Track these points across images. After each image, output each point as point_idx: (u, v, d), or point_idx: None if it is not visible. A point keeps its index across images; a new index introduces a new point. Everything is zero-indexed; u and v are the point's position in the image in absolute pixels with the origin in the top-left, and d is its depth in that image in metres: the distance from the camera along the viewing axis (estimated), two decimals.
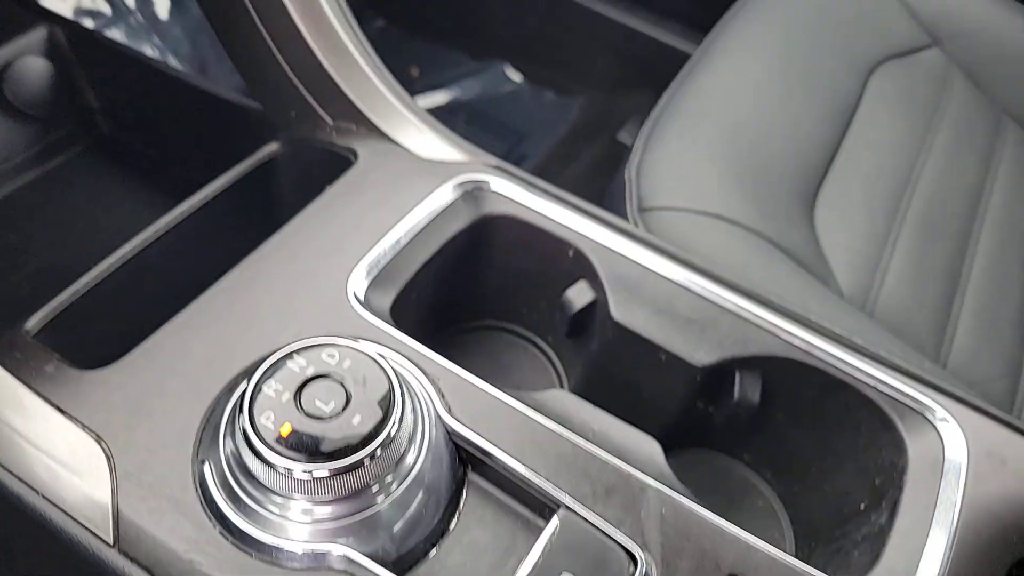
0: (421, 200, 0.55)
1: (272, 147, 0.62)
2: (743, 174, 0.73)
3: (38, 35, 0.75)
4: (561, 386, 0.63)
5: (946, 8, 0.99)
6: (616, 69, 1.57)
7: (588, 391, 0.60)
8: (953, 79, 0.95)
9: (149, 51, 1.44)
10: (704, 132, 0.76)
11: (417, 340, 0.48)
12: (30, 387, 0.42)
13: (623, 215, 0.70)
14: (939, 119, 0.90)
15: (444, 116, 1.58)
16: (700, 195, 0.69)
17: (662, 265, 0.54)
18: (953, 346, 0.73)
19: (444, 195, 0.56)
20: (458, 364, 0.63)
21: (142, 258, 0.55)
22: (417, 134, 0.60)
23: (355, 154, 0.59)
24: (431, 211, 0.55)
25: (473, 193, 0.57)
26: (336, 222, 0.53)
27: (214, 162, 0.75)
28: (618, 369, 0.56)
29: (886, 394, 0.49)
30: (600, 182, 1.43)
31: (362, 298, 0.49)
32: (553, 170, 1.44)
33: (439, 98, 1.59)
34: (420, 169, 0.58)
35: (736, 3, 0.98)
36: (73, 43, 0.77)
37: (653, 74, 1.53)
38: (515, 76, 1.63)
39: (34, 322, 0.49)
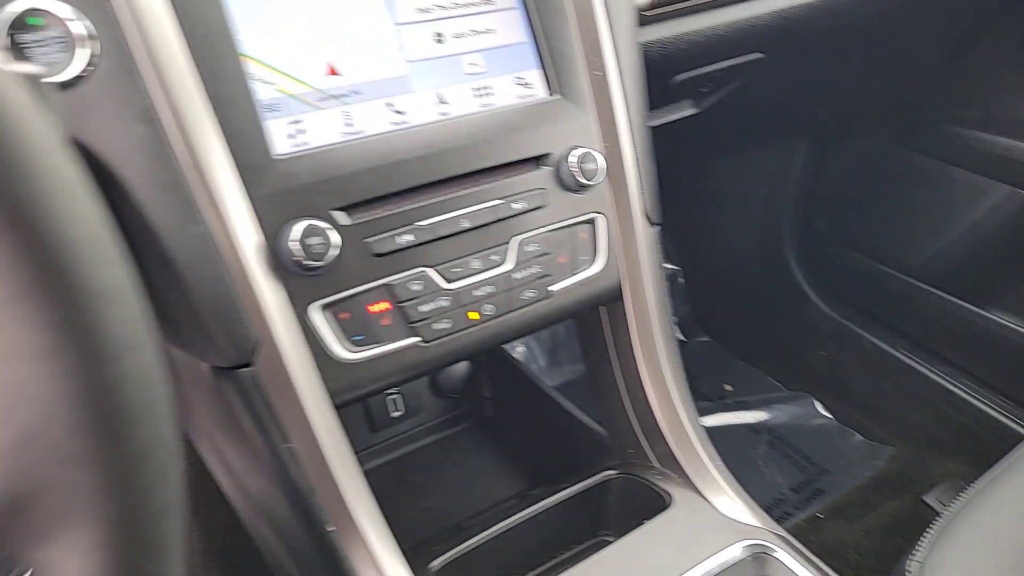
0: (715, 552, 0.70)
1: (610, 473, 0.83)
2: None
3: None
4: None
5: None
6: (932, 428, 1.57)
7: None
8: None
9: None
10: (999, 545, 0.80)
11: None
12: None
13: None
14: None
15: (747, 434, 1.72)
16: None
17: None
18: None
19: (735, 552, 0.70)
20: None
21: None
22: (722, 495, 0.76)
23: (670, 497, 0.76)
24: (722, 564, 0.69)
25: (759, 557, 0.70)
26: (642, 558, 0.69)
27: (560, 459, 0.98)
28: None
29: None
30: (895, 541, 1.42)
31: None
32: (849, 514, 1.46)
33: (746, 416, 1.72)
34: (719, 525, 0.73)
35: None
36: None
37: (971, 442, 1.52)
38: (824, 411, 1.71)
39: (437, 564, 0.72)
